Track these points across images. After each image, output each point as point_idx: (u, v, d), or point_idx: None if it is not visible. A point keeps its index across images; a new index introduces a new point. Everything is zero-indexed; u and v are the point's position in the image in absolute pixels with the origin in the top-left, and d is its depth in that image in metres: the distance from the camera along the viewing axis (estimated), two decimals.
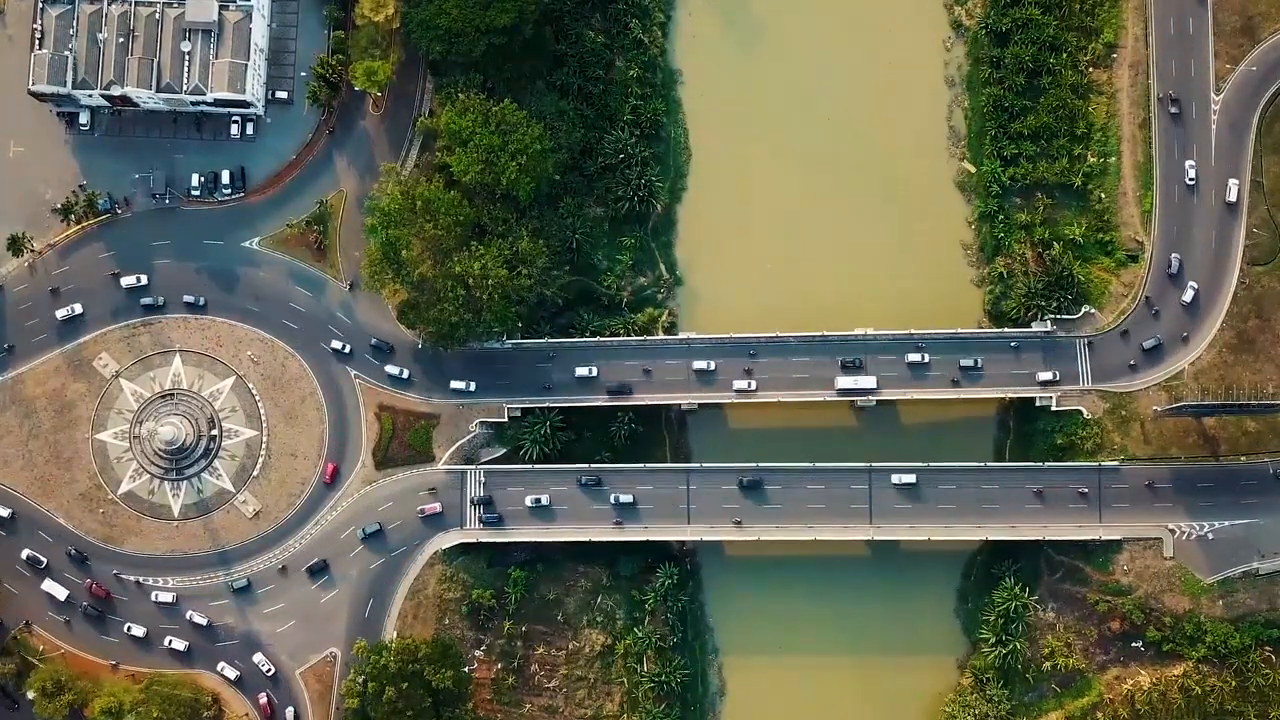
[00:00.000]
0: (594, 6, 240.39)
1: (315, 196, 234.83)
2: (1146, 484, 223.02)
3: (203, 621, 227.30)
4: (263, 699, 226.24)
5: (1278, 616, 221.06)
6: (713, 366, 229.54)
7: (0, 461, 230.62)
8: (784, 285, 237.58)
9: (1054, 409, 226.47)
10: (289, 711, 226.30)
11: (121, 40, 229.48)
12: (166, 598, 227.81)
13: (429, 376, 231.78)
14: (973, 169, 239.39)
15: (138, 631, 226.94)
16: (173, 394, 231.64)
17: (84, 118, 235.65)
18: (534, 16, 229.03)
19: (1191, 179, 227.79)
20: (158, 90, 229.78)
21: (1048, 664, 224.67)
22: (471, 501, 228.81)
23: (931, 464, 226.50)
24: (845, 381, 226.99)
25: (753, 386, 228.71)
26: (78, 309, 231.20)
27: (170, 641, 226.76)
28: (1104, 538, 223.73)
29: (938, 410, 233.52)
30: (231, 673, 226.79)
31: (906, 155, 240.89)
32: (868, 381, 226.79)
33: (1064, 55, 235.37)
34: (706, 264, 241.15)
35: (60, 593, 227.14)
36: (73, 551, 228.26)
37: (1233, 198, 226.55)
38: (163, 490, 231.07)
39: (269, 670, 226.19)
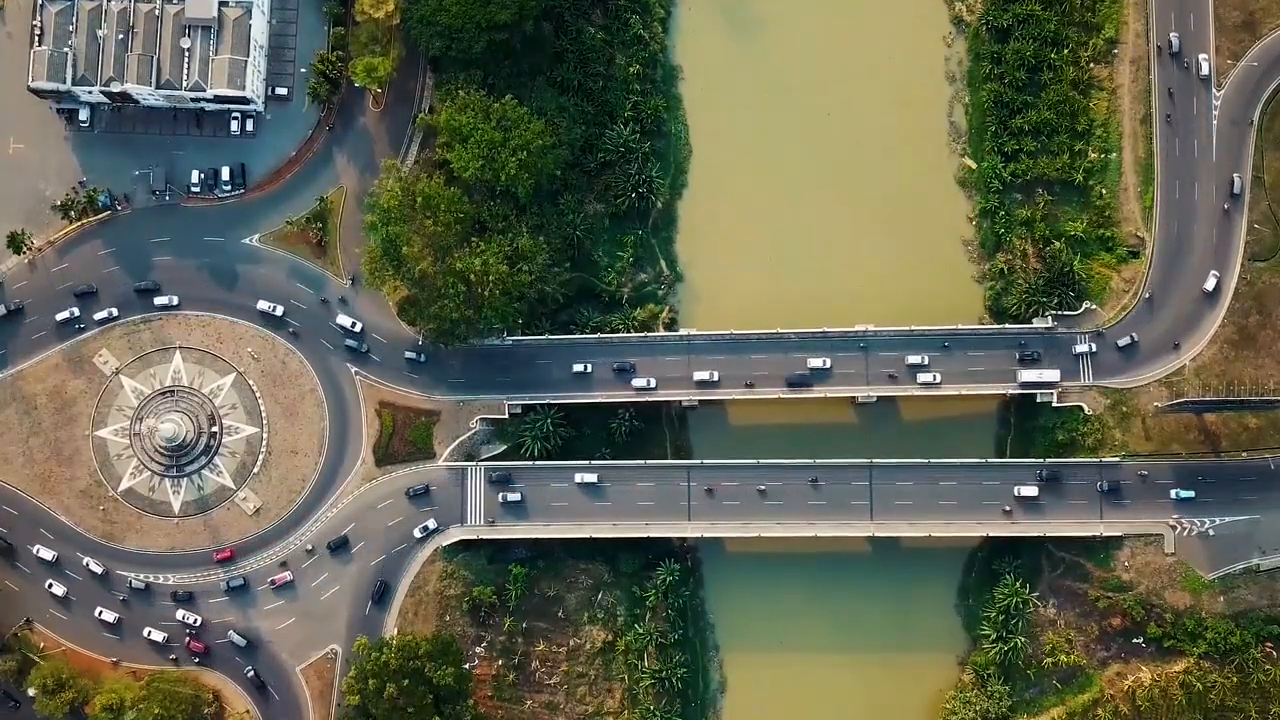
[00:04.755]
0: (594, 2, 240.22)
1: (315, 193, 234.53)
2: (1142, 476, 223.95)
3: (100, 571, 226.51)
4: (186, 640, 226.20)
5: (1279, 613, 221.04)
6: (914, 359, 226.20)
7: (0, 459, 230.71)
8: (784, 281, 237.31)
9: (1055, 405, 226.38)
10: (231, 633, 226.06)
11: (121, 37, 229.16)
12: (48, 555, 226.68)
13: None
14: (973, 165, 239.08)
15: (58, 590, 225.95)
16: (173, 391, 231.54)
17: (84, 114, 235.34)
18: (534, 13, 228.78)
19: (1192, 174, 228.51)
20: (157, 87, 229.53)
21: (1049, 660, 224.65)
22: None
23: (933, 460, 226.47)
24: (1028, 374, 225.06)
25: (938, 379, 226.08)
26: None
27: (101, 613, 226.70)
28: (1105, 534, 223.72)
29: (938, 406, 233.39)
30: (158, 635, 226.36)
31: (907, 151, 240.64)
32: (1051, 374, 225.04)
33: (1065, 51, 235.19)
34: (707, 260, 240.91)
35: None
36: None
37: (1234, 193, 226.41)
38: (163, 487, 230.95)
39: (194, 620, 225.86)
